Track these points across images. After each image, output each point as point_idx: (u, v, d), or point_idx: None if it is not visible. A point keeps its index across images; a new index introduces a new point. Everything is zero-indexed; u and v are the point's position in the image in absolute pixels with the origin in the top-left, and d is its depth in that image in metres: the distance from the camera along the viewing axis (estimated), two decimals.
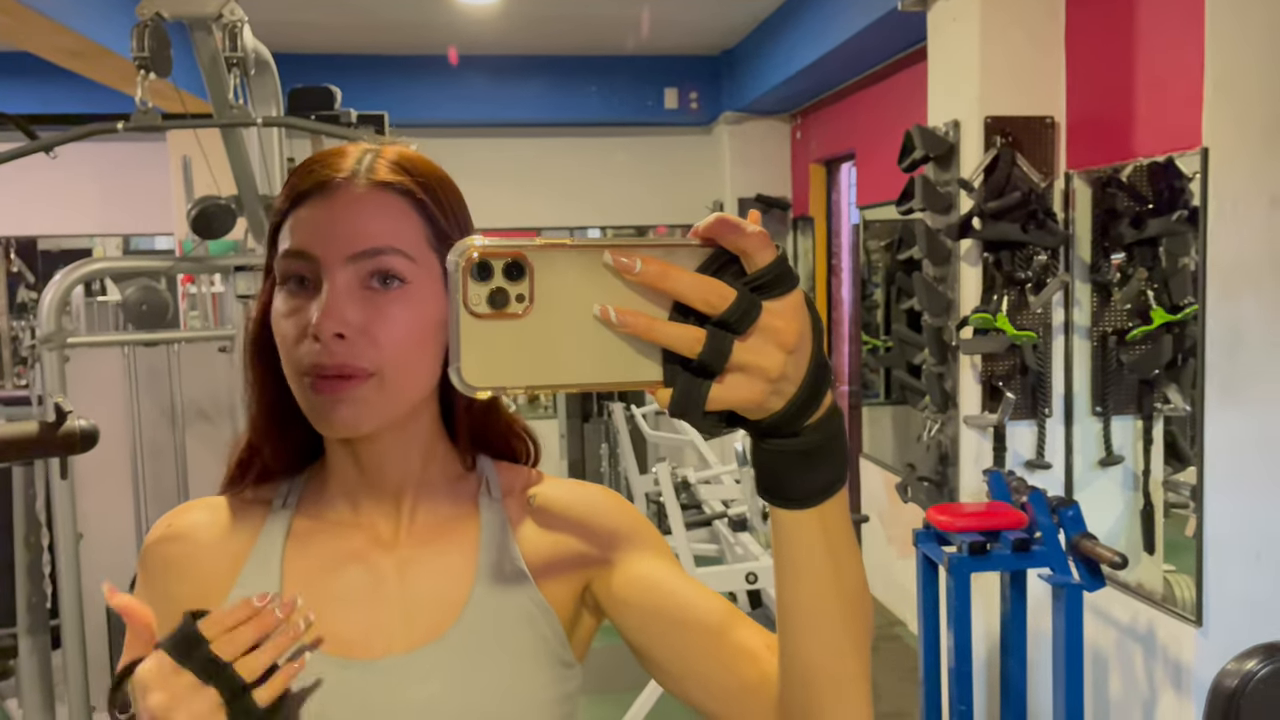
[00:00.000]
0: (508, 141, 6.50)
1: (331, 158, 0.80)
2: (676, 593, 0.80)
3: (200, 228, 3.02)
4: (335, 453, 0.85)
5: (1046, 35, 3.19)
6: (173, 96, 3.36)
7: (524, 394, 0.55)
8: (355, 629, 0.81)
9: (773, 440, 0.58)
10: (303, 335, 0.75)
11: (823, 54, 4.65)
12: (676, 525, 3.95)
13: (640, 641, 0.81)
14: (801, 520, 0.61)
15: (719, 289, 0.54)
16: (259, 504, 0.87)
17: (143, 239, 7.32)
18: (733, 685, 0.75)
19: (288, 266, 0.77)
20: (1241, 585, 2.67)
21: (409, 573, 0.83)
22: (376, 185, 0.78)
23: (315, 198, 0.77)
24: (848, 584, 0.64)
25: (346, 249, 0.75)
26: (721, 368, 0.54)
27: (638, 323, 0.54)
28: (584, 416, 6.75)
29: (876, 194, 4.95)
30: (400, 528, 0.84)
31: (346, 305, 0.74)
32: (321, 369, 0.74)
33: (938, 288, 3.32)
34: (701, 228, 0.55)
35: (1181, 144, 2.71)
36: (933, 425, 3.40)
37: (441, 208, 0.81)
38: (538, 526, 0.86)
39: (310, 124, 3.05)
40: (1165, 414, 3.02)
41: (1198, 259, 2.67)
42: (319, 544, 0.84)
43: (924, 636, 2.88)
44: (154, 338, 3.11)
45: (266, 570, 0.83)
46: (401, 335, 0.76)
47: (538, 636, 0.82)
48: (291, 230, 0.77)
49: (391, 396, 0.77)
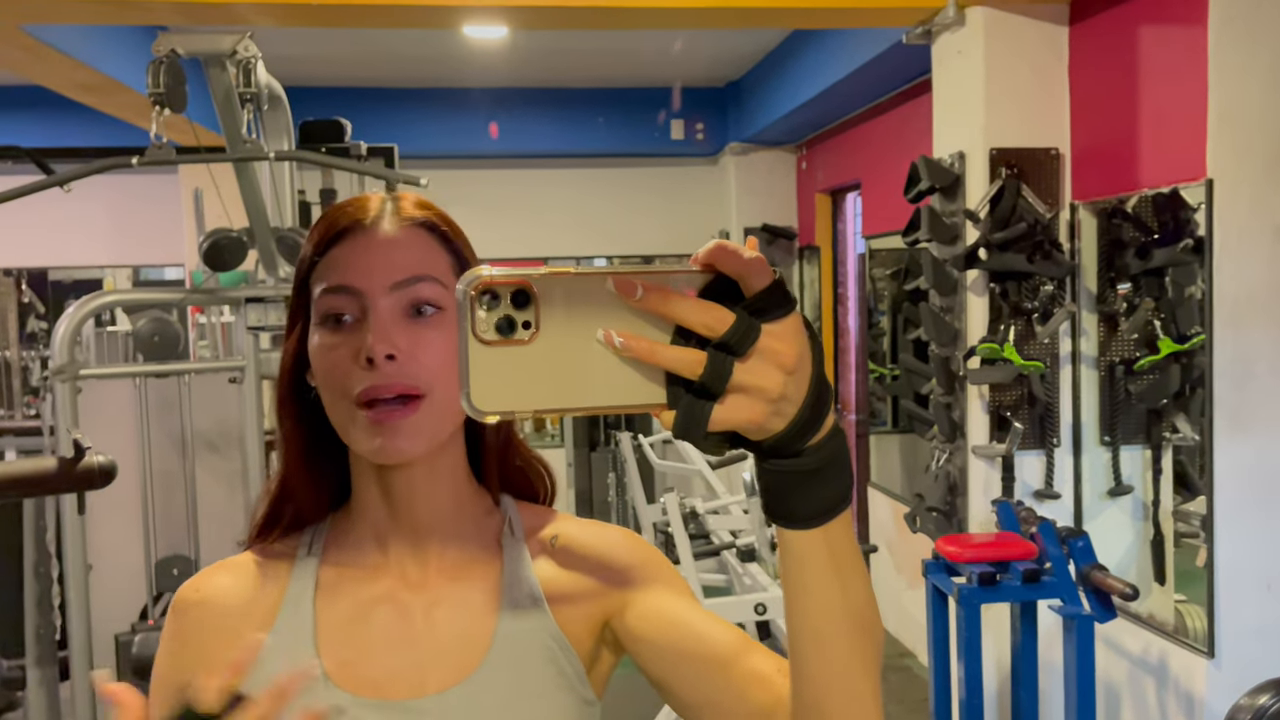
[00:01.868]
0: (516, 173, 6.55)
1: (357, 203, 0.85)
2: (691, 625, 0.82)
3: (212, 260, 3.05)
4: (366, 492, 0.87)
5: (1050, 67, 3.22)
6: (186, 130, 3.40)
7: (531, 418, 0.57)
8: (388, 671, 0.83)
9: (776, 461, 0.59)
10: (352, 364, 0.78)
11: (828, 85, 4.70)
12: (684, 555, 3.94)
13: (658, 674, 0.83)
14: (807, 540, 0.62)
15: (718, 313, 0.55)
16: (283, 557, 0.88)
17: (152, 270, 7.37)
18: (745, 710, 0.77)
19: (330, 303, 0.80)
20: (1253, 616, 2.65)
21: (436, 613, 0.85)
22: (405, 222, 0.83)
23: (349, 238, 0.82)
24: (855, 603, 0.65)
25: (387, 279, 0.80)
26: (722, 389, 0.55)
27: (640, 347, 0.55)
28: (591, 445, 6.74)
29: (882, 224, 4.98)
30: (429, 568, 0.86)
31: (393, 329, 0.79)
32: (377, 392, 0.77)
33: (944, 318, 3.33)
34: (701, 254, 0.56)
35: (1186, 175, 2.73)
36: (941, 455, 3.40)
37: (462, 241, 0.86)
38: (558, 566, 0.88)
39: (321, 158, 3.09)
40: (1174, 443, 3.02)
41: (1204, 289, 2.68)
42: (348, 591, 0.86)
43: (934, 668, 2.86)
44: (165, 369, 3.13)
45: (299, 620, 0.85)
46: (443, 357, 0.80)
47: (559, 673, 0.84)
48: (328, 269, 0.81)
49: (439, 418, 0.80)
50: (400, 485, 0.85)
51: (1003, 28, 3.19)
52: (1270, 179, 2.62)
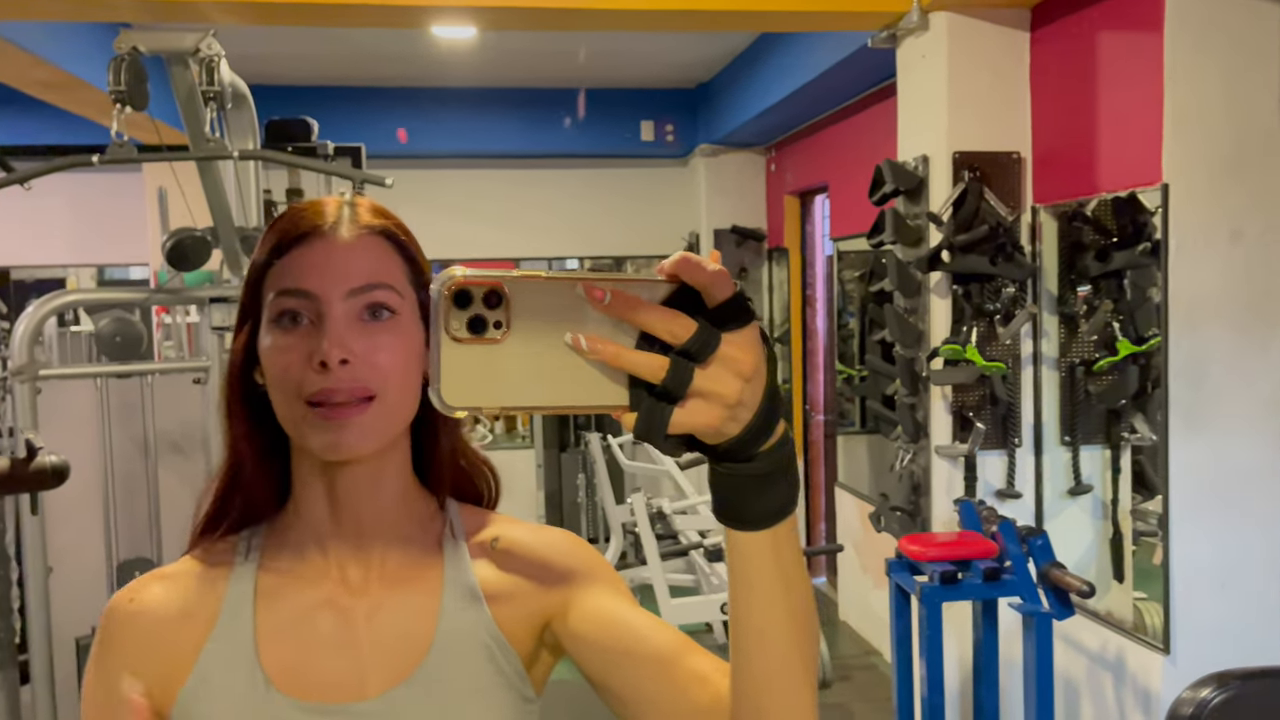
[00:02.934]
0: (486, 173, 6.54)
1: (315, 208, 0.86)
2: (632, 625, 0.84)
3: (175, 259, 3.03)
4: (309, 493, 0.87)
5: (1012, 72, 3.26)
6: (148, 128, 3.37)
7: (499, 414, 0.59)
8: (329, 675, 0.84)
9: (729, 464, 0.62)
10: (304, 366, 0.79)
11: (796, 88, 4.73)
12: (652, 556, 3.96)
13: (598, 674, 0.84)
14: (755, 542, 0.65)
15: (682, 321, 0.58)
16: (220, 564, 0.89)
17: (117, 269, 7.28)
18: (686, 709, 0.78)
19: (285, 305, 0.81)
20: (1208, 613, 2.71)
21: (377, 617, 0.86)
22: (363, 229, 0.85)
23: (307, 243, 0.83)
24: (797, 602, 0.68)
25: (344, 285, 0.81)
26: (683, 394, 0.58)
27: (606, 350, 0.57)
28: (561, 447, 6.74)
29: (849, 226, 5.02)
30: (370, 572, 0.87)
31: (348, 334, 0.80)
32: (330, 395, 0.79)
33: (909, 319, 3.36)
34: (667, 265, 0.59)
35: (1143, 180, 2.77)
36: (905, 455, 3.44)
37: (416, 248, 0.88)
38: (499, 567, 0.89)
39: (286, 157, 3.07)
40: (1133, 443, 3.07)
41: (1161, 291, 2.72)
42: (288, 595, 0.87)
43: (897, 665, 2.89)
44: (127, 370, 3.11)
45: (240, 626, 0.85)
46: (396, 360, 0.82)
47: (498, 672, 0.86)
48: (285, 272, 0.82)
49: (389, 418, 0.82)
50: (344, 486, 0.86)
51: (966, 33, 3.23)
52: (1223, 184, 2.67)
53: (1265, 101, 2.67)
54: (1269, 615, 2.72)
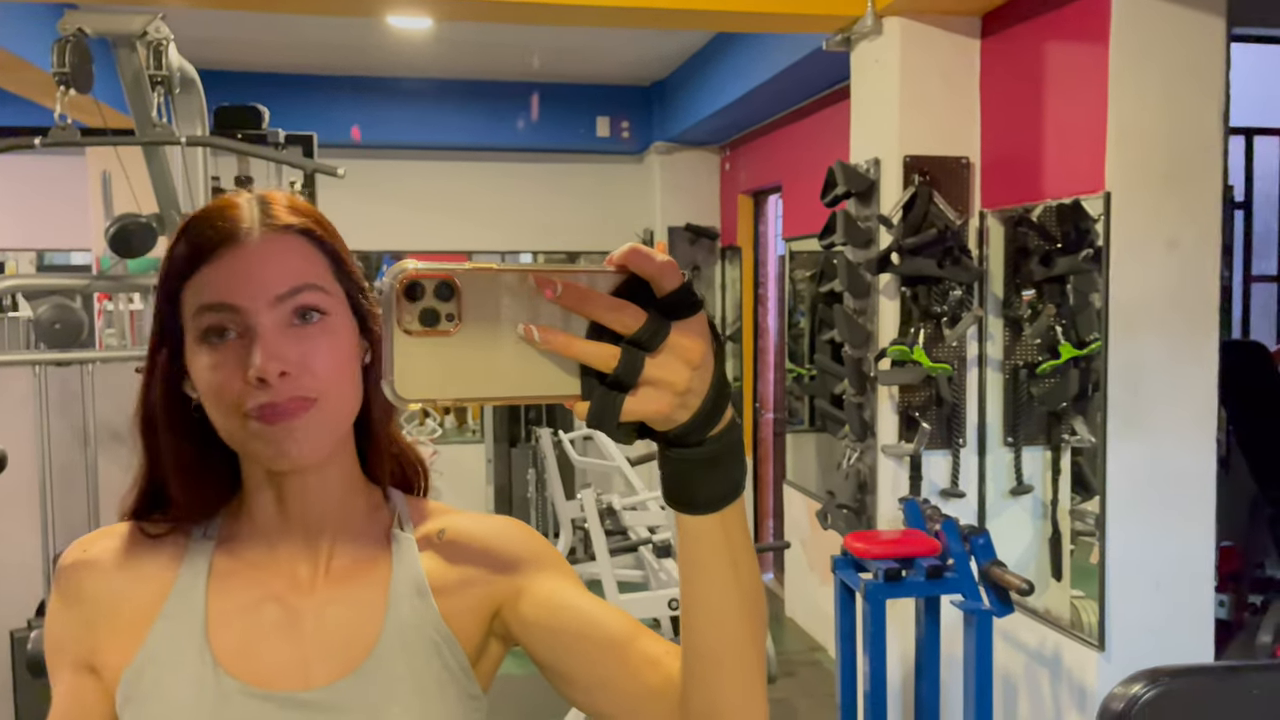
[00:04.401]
0: (440, 165, 6.49)
1: (223, 212, 0.82)
2: (582, 609, 0.85)
3: (119, 246, 2.97)
4: (258, 496, 0.87)
5: (962, 80, 3.31)
6: (93, 111, 3.30)
7: (452, 405, 0.60)
8: (276, 663, 0.84)
9: (679, 450, 0.63)
10: (242, 382, 0.77)
11: (751, 88, 4.76)
12: (601, 551, 3.96)
13: (549, 659, 0.85)
14: (705, 525, 0.67)
15: (632, 311, 0.59)
16: (177, 534, 0.88)
17: (59, 255, 7.10)
18: (638, 691, 0.79)
19: (210, 321, 0.79)
20: (1141, 611, 2.78)
21: (325, 612, 0.86)
22: (280, 229, 0.82)
23: (222, 253, 0.80)
24: (746, 582, 0.70)
25: (270, 292, 0.79)
26: (635, 382, 0.59)
27: (557, 341, 0.58)
28: (511, 441, 6.72)
29: (802, 226, 5.06)
30: (319, 569, 0.87)
31: (281, 344, 0.78)
32: (271, 408, 0.77)
33: (858, 320, 3.40)
34: (616, 256, 0.60)
35: (1087, 187, 2.84)
36: (852, 454, 3.48)
37: (337, 242, 0.86)
38: (446, 560, 0.89)
39: (234, 144, 3.02)
40: (1073, 445, 3.14)
41: (1102, 297, 2.79)
42: (240, 585, 0.86)
43: (841, 660, 2.93)
44: (66, 357, 3.04)
45: (190, 607, 0.85)
46: (332, 362, 0.80)
47: (444, 668, 0.86)
48: (204, 287, 0.80)
49: (332, 421, 0.81)
50: (293, 490, 0.86)
51: (918, 38, 3.27)
52: (1164, 193, 2.74)
53: (1206, 114, 2.74)
54: (1200, 614, 2.80)
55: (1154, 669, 1.27)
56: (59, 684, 0.85)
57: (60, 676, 0.85)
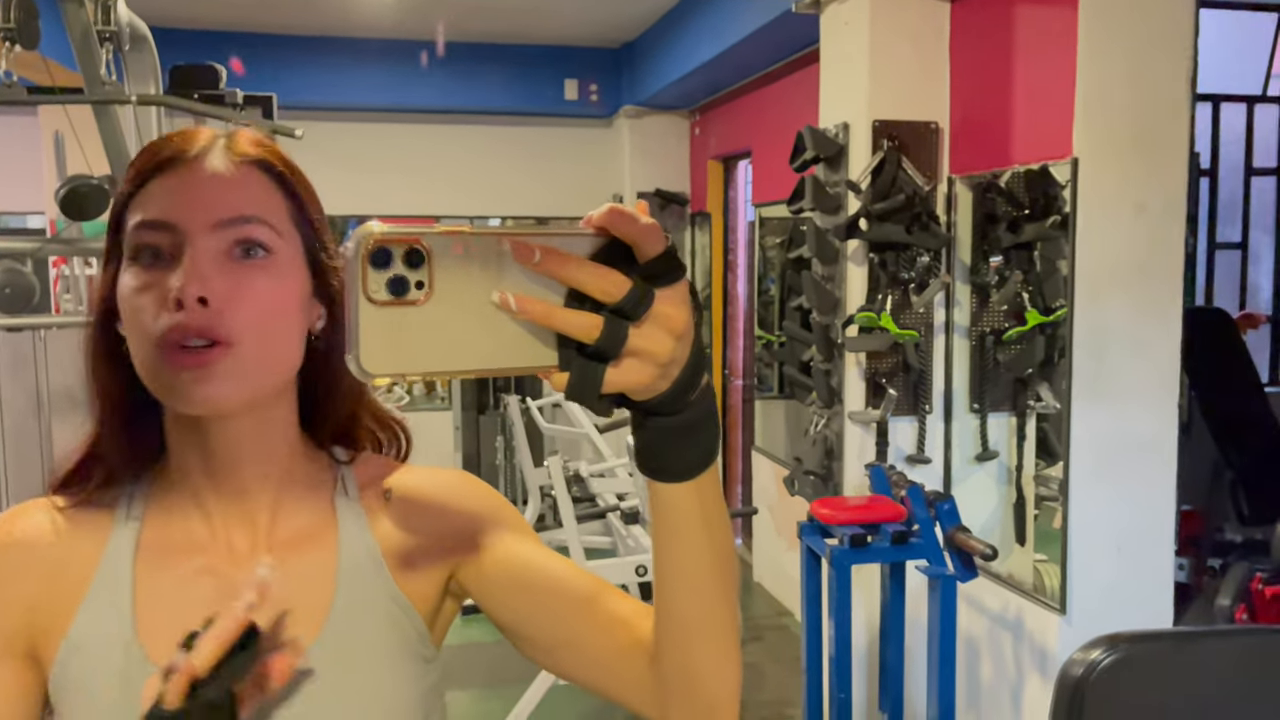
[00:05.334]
0: (404, 127, 6.38)
1: (184, 136, 0.78)
2: (545, 567, 0.82)
3: (69, 209, 2.88)
4: (184, 455, 0.81)
5: (932, 45, 3.28)
6: (41, 69, 3.19)
7: (421, 379, 0.56)
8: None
9: (657, 419, 0.61)
10: (161, 306, 0.72)
11: (720, 51, 4.70)
12: (568, 518, 3.95)
13: (511, 620, 0.82)
14: (679, 492, 0.65)
15: (615, 278, 0.56)
16: (102, 510, 0.82)
17: (12, 218, 6.94)
18: (608, 651, 0.77)
19: (142, 238, 0.74)
20: (1103, 576, 2.81)
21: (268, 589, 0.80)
22: (238, 159, 0.77)
23: (171, 170, 0.75)
24: (720, 546, 0.69)
25: (211, 217, 0.74)
26: (618, 353, 0.56)
27: (535, 310, 0.55)
28: (479, 409, 6.68)
29: (772, 192, 5.03)
30: (258, 540, 0.81)
31: (211, 271, 0.72)
32: (183, 334, 0.71)
33: (826, 286, 3.39)
34: (596, 217, 0.56)
35: (1055, 153, 2.83)
36: (819, 420, 3.48)
37: (302, 184, 0.81)
38: (396, 521, 0.84)
39: (188, 103, 2.94)
40: (1038, 411, 3.15)
41: (1069, 263, 2.79)
42: (170, 562, 0.80)
43: (807, 625, 2.94)
44: (17, 323, 2.96)
45: (117, 587, 0.79)
46: (264, 306, 0.74)
47: (401, 637, 0.82)
48: (145, 203, 0.75)
49: (253, 371, 0.74)
50: (222, 446, 0.79)
51: (888, 1, 3.23)
52: (1131, 159, 2.74)
53: (1173, 80, 2.73)
54: (1160, 579, 2.84)
55: (1113, 635, 1.27)
56: None
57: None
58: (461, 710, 3.74)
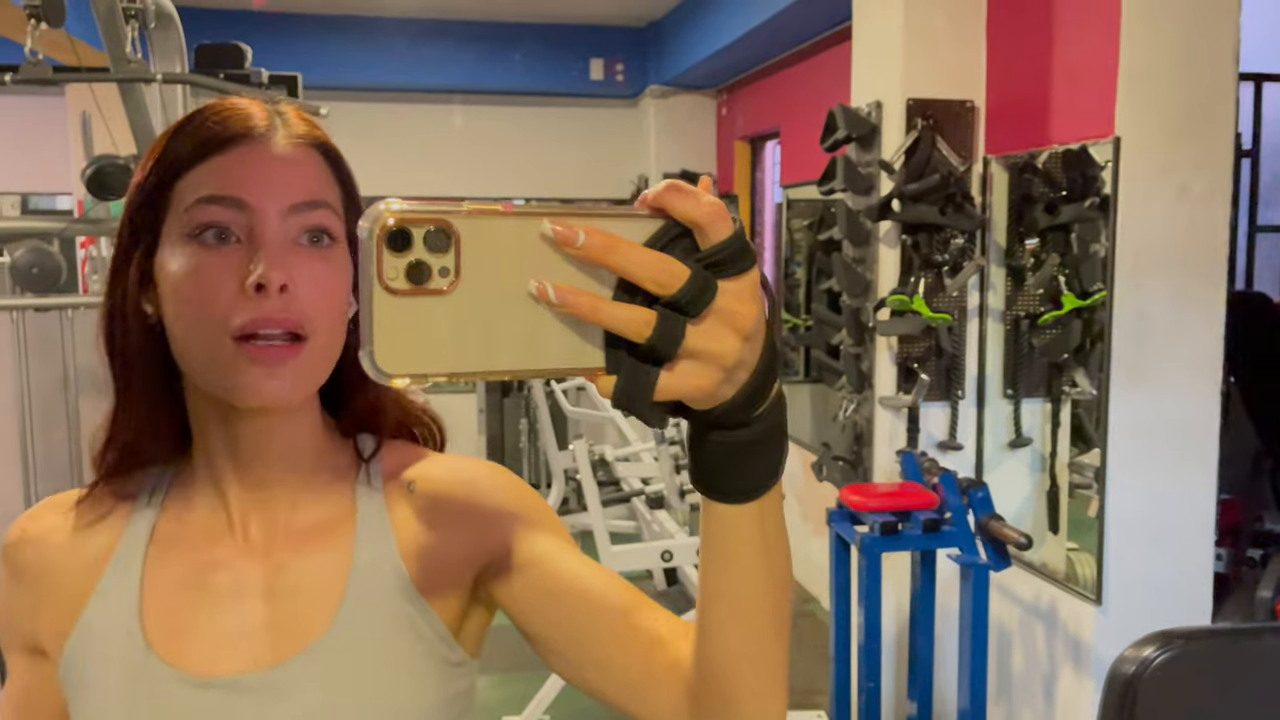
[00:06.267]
0: (428, 108, 6.35)
1: (241, 108, 0.73)
2: (576, 576, 0.74)
3: (95, 188, 2.87)
4: (209, 441, 0.78)
5: (968, 20, 3.20)
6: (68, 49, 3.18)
7: (446, 381, 0.49)
8: (218, 645, 0.75)
9: (719, 432, 0.53)
10: (235, 291, 0.68)
11: (749, 29, 4.63)
12: (593, 503, 3.93)
13: (537, 628, 0.76)
14: (738, 514, 0.57)
15: (671, 266, 0.48)
16: (123, 499, 0.80)
17: (43, 198, 6.99)
18: (640, 674, 0.70)
19: (210, 215, 0.69)
20: (1140, 566, 2.75)
21: (279, 581, 0.77)
22: (299, 139, 0.73)
23: (237, 146, 0.70)
24: (778, 574, 0.61)
25: (285, 199, 0.70)
26: (673, 354, 0.49)
27: (580, 302, 0.48)
28: (503, 392, 6.67)
29: (800, 173, 4.96)
30: (276, 531, 0.78)
31: (290, 258, 0.69)
32: (263, 325, 0.67)
33: (856, 269, 3.33)
34: (651, 195, 0.49)
35: (1095, 133, 2.75)
36: (848, 405, 3.43)
37: (348, 168, 0.77)
38: (418, 515, 0.79)
39: (213, 81, 2.92)
40: (1073, 397, 3.09)
41: (1108, 246, 2.72)
42: (183, 553, 0.77)
43: (835, 614, 2.90)
44: (44, 303, 2.96)
45: (126, 580, 0.77)
46: (332, 298, 0.71)
47: (417, 639, 0.77)
48: (210, 177, 0.70)
49: (318, 366, 0.72)
50: (251, 435, 0.76)
51: None
52: (1175, 139, 2.66)
53: (1219, 57, 2.65)
54: (1199, 570, 2.77)
55: (1165, 631, 1.22)
56: (13, 666, 0.79)
57: (13, 659, 0.80)
58: (482, 696, 3.74)
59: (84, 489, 0.81)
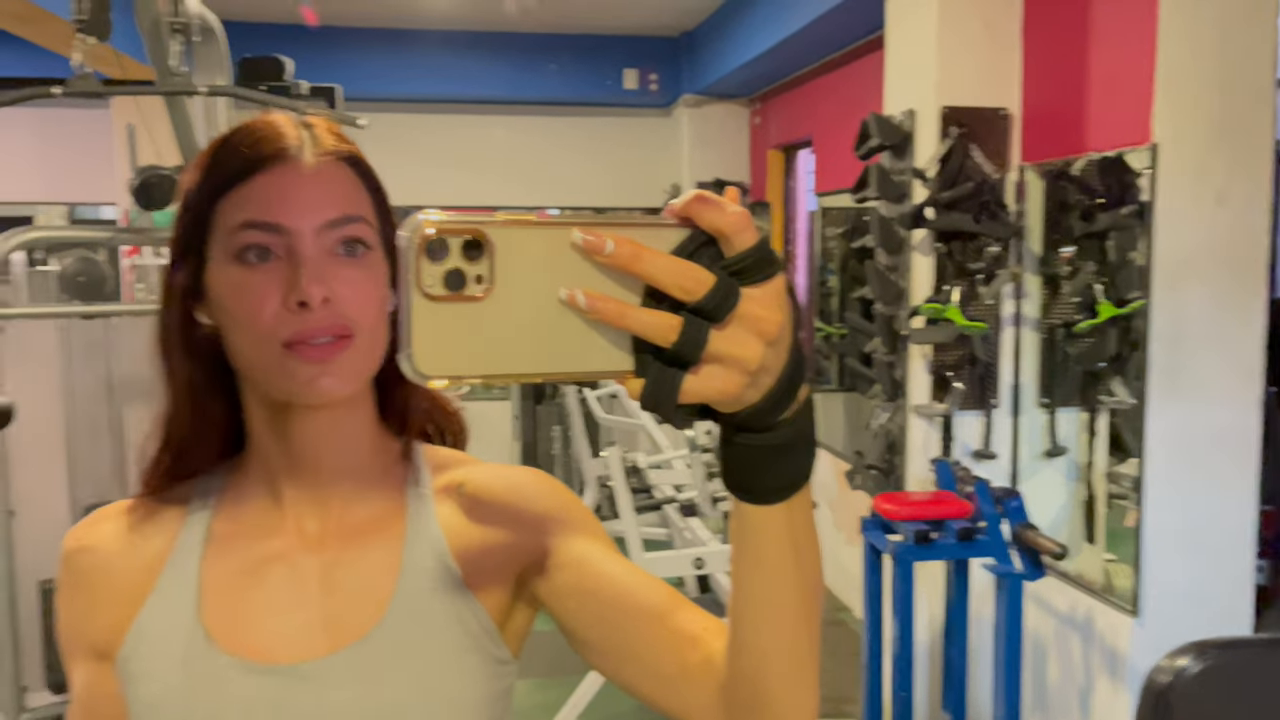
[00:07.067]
0: (463, 118, 6.42)
1: (271, 129, 0.78)
2: (615, 576, 0.78)
3: (142, 198, 2.94)
4: (264, 441, 0.82)
5: (1003, 27, 3.19)
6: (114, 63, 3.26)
7: (480, 383, 0.52)
8: (275, 634, 0.79)
9: (746, 435, 0.55)
10: (279, 306, 0.73)
11: (783, 38, 4.64)
12: (626, 509, 3.94)
13: (577, 627, 0.79)
14: (768, 515, 0.59)
15: (696, 273, 0.50)
16: (176, 505, 0.84)
17: (88, 208, 7.13)
18: (674, 669, 0.73)
19: (251, 239, 0.75)
20: (1178, 577, 2.72)
21: (334, 573, 0.81)
22: (328, 155, 0.78)
23: (271, 169, 0.76)
24: (808, 574, 0.63)
25: (319, 218, 0.75)
26: (697, 358, 0.51)
27: (608, 308, 0.50)
28: (537, 398, 6.70)
29: (834, 181, 4.96)
30: (329, 525, 0.82)
31: (328, 271, 0.74)
32: (309, 335, 0.73)
33: (890, 276, 3.32)
34: (678, 205, 0.52)
35: (1132, 140, 2.73)
36: (882, 414, 3.42)
37: (376, 178, 0.82)
38: (466, 517, 0.83)
39: (256, 94, 2.97)
40: (1110, 406, 3.06)
41: (1145, 254, 2.70)
42: (239, 548, 0.82)
43: (868, 623, 2.89)
44: (90, 310, 3.03)
45: (184, 577, 0.81)
46: (371, 300, 0.76)
47: (465, 633, 0.80)
48: (249, 202, 0.75)
49: (364, 360, 0.77)
50: (303, 434, 0.80)
51: None
52: (1213, 146, 2.64)
53: (1258, 63, 2.62)
54: (1239, 581, 2.74)
55: (1201, 641, 1.22)
56: (75, 673, 0.82)
57: (75, 666, 0.83)
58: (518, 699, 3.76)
59: (134, 499, 0.85)
